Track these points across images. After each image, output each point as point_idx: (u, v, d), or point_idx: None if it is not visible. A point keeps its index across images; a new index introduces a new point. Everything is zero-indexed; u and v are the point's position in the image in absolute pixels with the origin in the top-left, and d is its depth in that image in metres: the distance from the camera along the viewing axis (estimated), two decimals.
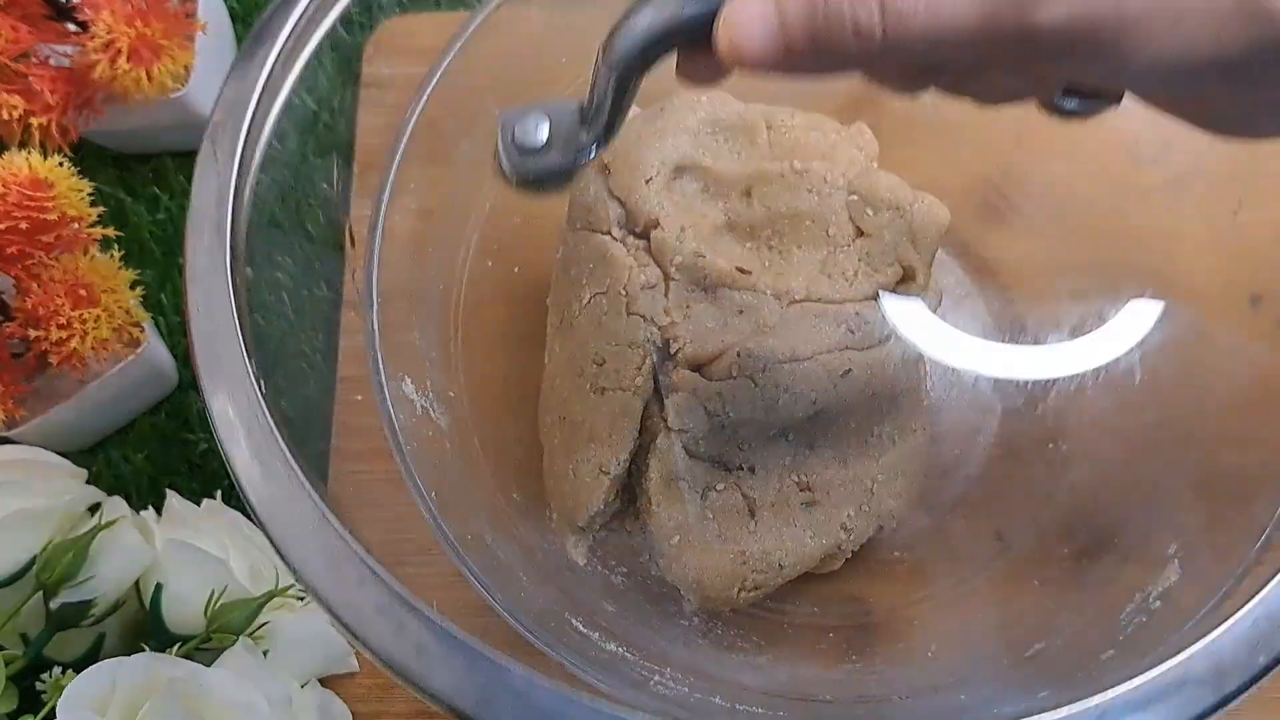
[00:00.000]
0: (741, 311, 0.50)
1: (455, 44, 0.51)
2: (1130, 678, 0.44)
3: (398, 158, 0.50)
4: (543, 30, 0.54)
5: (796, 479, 0.50)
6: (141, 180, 0.68)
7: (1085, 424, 0.58)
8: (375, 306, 0.48)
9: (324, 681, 0.57)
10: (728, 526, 0.49)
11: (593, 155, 0.39)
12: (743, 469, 0.49)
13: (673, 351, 0.48)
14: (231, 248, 0.44)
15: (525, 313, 0.58)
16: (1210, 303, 0.53)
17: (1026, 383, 0.61)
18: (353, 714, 0.57)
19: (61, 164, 0.57)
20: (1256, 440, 0.50)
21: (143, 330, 0.60)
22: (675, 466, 0.48)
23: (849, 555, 0.54)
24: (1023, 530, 0.57)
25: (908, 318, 0.52)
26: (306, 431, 0.63)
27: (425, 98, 0.51)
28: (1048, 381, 0.60)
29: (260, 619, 0.54)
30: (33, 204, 0.55)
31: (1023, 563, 0.56)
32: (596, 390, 0.49)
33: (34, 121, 0.60)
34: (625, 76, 0.36)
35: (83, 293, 0.56)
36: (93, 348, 0.56)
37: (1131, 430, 0.56)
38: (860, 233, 0.51)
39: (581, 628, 0.49)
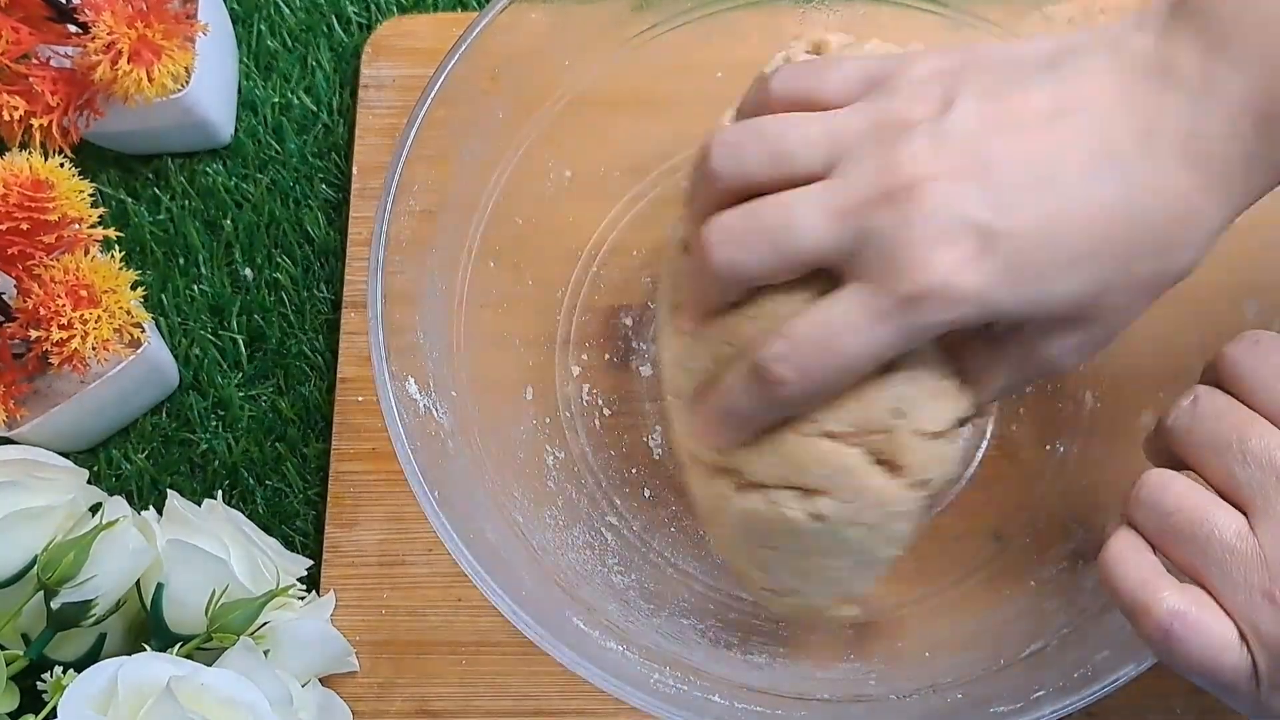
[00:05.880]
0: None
1: (460, 45, 0.52)
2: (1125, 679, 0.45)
3: (401, 159, 0.50)
4: (546, 32, 0.55)
5: None
6: (142, 181, 0.68)
7: (1083, 425, 0.58)
8: (379, 307, 0.49)
9: (324, 681, 0.58)
10: None
11: None
12: None
13: None
14: None
15: (527, 313, 0.58)
16: (1208, 306, 0.53)
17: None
18: (353, 713, 0.58)
19: (62, 165, 0.57)
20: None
21: (144, 331, 0.60)
22: None
23: None
24: (1020, 531, 0.57)
25: None
26: (307, 432, 0.64)
27: (429, 99, 0.51)
28: (1046, 382, 0.60)
29: (261, 619, 0.54)
30: (34, 205, 0.55)
31: (1020, 563, 0.56)
32: None
33: (35, 122, 0.60)
34: None
35: (84, 293, 0.57)
36: (94, 348, 0.56)
37: (1127, 431, 0.56)
38: None
39: (582, 626, 0.49)
